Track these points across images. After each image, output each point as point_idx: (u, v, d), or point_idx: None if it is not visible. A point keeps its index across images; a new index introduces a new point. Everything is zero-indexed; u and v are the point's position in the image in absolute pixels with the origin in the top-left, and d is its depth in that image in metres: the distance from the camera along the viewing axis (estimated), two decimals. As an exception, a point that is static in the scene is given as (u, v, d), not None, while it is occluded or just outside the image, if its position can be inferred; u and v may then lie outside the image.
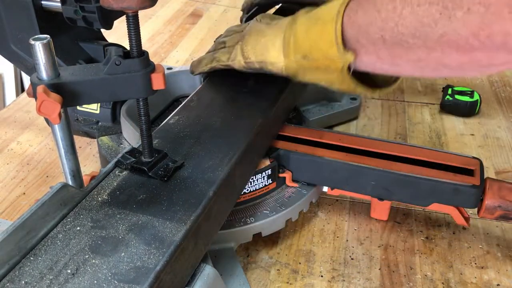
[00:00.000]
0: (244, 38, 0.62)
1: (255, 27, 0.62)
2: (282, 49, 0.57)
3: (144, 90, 0.45)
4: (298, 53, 0.56)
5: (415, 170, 0.59)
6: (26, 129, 0.84)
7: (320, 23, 0.52)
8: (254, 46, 0.60)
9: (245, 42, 0.61)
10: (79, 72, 0.45)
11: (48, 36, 0.41)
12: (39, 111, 0.40)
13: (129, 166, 0.49)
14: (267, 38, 0.59)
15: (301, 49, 0.55)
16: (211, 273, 0.46)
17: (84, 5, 0.63)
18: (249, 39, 0.61)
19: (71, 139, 0.47)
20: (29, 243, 0.40)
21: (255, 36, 0.61)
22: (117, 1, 0.41)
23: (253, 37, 0.61)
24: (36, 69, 0.42)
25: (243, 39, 0.62)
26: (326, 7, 0.53)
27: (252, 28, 0.63)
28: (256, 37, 0.61)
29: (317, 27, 0.53)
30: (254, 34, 0.61)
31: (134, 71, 0.44)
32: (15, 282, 0.37)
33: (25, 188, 0.71)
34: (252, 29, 0.62)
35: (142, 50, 0.45)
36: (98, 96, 0.45)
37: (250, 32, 0.62)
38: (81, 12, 0.64)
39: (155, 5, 0.43)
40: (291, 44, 0.56)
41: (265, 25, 0.61)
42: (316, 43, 0.53)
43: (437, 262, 0.60)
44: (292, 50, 0.56)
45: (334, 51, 0.51)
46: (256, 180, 0.60)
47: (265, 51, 0.59)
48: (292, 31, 0.56)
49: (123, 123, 0.69)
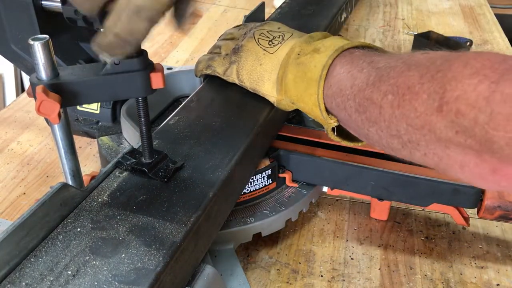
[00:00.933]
0: (241, 61, 0.61)
1: (253, 50, 0.61)
2: (276, 86, 0.58)
3: (143, 89, 0.45)
4: (288, 97, 0.57)
5: (415, 170, 0.59)
6: (26, 129, 0.85)
7: (306, 80, 0.53)
8: (249, 73, 0.60)
9: (241, 65, 0.61)
10: (78, 72, 0.45)
11: (47, 36, 0.41)
12: (38, 111, 0.40)
13: (129, 167, 0.49)
14: (263, 68, 0.59)
15: (290, 95, 0.56)
16: (211, 273, 0.46)
17: (84, 5, 0.63)
18: (245, 64, 0.60)
19: (70, 139, 0.47)
20: (30, 243, 0.40)
21: (251, 62, 0.60)
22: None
23: (250, 63, 0.60)
24: (35, 69, 0.42)
25: (239, 61, 0.61)
26: (314, 60, 0.53)
27: (249, 50, 0.61)
28: (252, 64, 0.60)
29: (303, 83, 0.53)
30: (250, 59, 0.60)
31: (133, 70, 0.44)
32: (16, 283, 0.37)
33: (25, 188, 0.71)
34: (249, 52, 0.61)
35: (141, 49, 0.45)
36: (97, 95, 0.45)
37: (247, 56, 0.61)
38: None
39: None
40: (282, 86, 0.57)
41: (262, 51, 0.60)
42: (303, 97, 0.54)
43: (437, 262, 0.60)
44: (284, 92, 0.57)
45: (317, 112, 0.52)
46: (256, 180, 0.60)
47: (260, 81, 0.59)
48: (284, 73, 0.56)
49: (123, 123, 0.69)
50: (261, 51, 0.60)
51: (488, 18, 1.34)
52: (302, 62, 0.54)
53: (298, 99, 0.55)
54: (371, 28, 1.28)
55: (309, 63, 0.53)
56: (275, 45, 0.59)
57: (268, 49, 0.59)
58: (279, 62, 0.58)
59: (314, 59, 0.53)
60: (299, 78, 0.54)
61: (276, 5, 1.22)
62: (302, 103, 0.55)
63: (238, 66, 0.61)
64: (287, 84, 0.56)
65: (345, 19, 1.10)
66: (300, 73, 0.54)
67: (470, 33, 1.24)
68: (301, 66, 0.54)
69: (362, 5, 1.41)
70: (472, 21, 1.32)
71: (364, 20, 1.33)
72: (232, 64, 0.62)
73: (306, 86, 0.53)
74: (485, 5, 1.43)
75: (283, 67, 0.57)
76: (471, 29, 1.27)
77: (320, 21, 0.90)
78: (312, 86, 0.52)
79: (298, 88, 0.54)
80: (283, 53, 0.58)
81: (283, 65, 0.57)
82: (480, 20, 1.32)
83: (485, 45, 1.17)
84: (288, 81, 0.56)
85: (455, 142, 0.38)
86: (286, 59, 0.57)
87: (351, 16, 1.28)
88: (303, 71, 0.53)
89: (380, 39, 1.22)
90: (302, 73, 0.53)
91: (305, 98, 0.53)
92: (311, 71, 0.52)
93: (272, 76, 0.58)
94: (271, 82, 0.58)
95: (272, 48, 0.59)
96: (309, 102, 0.53)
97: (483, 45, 1.17)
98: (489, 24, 1.30)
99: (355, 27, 1.28)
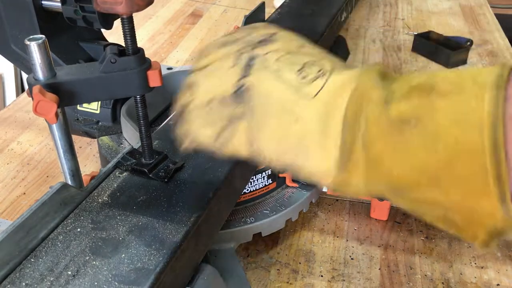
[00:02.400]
0: (254, 117, 0.35)
1: (274, 93, 0.35)
2: (336, 158, 0.33)
3: (141, 87, 0.45)
4: (381, 181, 0.32)
5: (415, 170, 0.59)
6: (26, 129, 0.85)
7: (446, 153, 0.29)
8: (277, 139, 0.35)
9: (256, 125, 0.35)
10: (75, 71, 0.44)
11: (43, 36, 0.41)
12: (35, 111, 0.40)
13: (129, 168, 0.49)
14: (302, 128, 0.34)
15: (390, 179, 0.32)
16: (211, 273, 0.46)
17: (84, 5, 0.63)
18: (264, 122, 0.35)
19: (69, 139, 0.47)
20: (30, 244, 0.40)
21: (277, 118, 0.34)
22: (105, 8, 0.41)
23: (273, 119, 0.34)
24: (32, 69, 0.42)
25: (252, 117, 0.35)
26: (438, 116, 0.29)
27: (268, 95, 0.35)
28: (279, 121, 0.34)
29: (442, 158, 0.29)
30: (273, 112, 0.34)
31: (130, 68, 0.44)
32: (16, 283, 0.37)
33: (25, 188, 0.71)
34: (267, 98, 0.35)
35: (138, 47, 0.45)
36: (94, 94, 0.45)
37: (265, 107, 0.34)
38: (81, 12, 0.64)
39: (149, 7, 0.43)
40: (358, 161, 0.32)
41: (293, 95, 0.34)
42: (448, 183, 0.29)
43: (437, 262, 0.60)
44: (365, 170, 0.32)
45: (490, 205, 0.28)
46: (256, 180, 0.60)
47: (302, 153, 0.34)
48: (360, 141, 0.32)
49: (123, 123, 0.69)
50: (290, 94, 0.34)
51: (488, 18, 1.34)
52: (406, 118, 0.30)
53: (413, 184, 0.31)
54: (371, 28, 1.28)
55: (432, 118, 0.30)
56: (313, 79, 0.34)
57: (303, 88, 0.34)
58: (333, 114, 0.33)
59: (441, 108, 0.29)
60: (417, 148, 0.30)
61: (276, 5, 1.22)
62: (430, 192, 0.30)
63: (250, 126, 0.35)
64: (379, 161, 0.31)
65: (345, 19, 1.10)
66: (416, 139, 0.30)
67: (470, 33, 1.24)
68: (411, 128, 0.30)
69: (362, 5, 1.41)
70: (472, 21, 1.32)
71: (364, 20, 1.33)
72: (234, 121, 0.36)
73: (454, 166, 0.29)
74: (485, 5, 1.43)
75: (351, 129, 0.32)
76: (471, 29, 1.27)
77: (320, 21, 0.90)
78: (476, 156, 0.27)
79: (415, 162, 0.30)
80: (336, 96, 0.33)
81: (351, 123, 0.32)
82: (480, 20, 1.32)
83: (485, 45, 1.17)
84: (380, 156, 0.31)
85: None
86: (352, 109, 0.32)
87: (351, 16, 1.28)
88: (421, 136, 0.30)
89: (380, 39, 1.22)
90: (422, 138, 0.30)
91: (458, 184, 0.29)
92: (445, 132, 0.29)
93: (325, 141, 0.33)
94: (324, 151, 0.33)
95: (310, 85, 0.34)
96: (467, 185, 0.29)
97: (483, 45, 1.17)
98: (489, 24, 1.30)
99: (355, 27, 1.28)
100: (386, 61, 1.11)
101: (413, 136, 0.30)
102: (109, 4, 0.41)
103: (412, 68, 1.07)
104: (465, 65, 1.07)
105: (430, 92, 0.30)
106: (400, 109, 0.30)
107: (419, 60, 1.11)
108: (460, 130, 0.28)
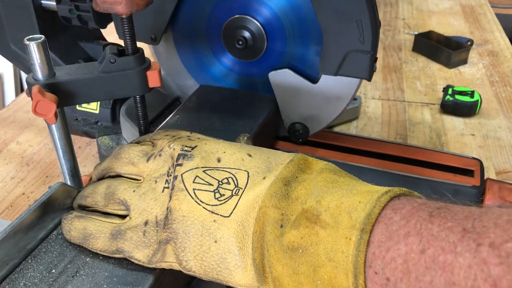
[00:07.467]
0: (178, 239, 0.36)
1: (192, 215, 0.36)
2: (255, 275, 0.35)
3: (140, 87, 0.45)
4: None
5: (415, 170, 0.59)
6: (25, 129, 0.84)
7: (321, 280, 0.31)
8: (200, 258, 0.36)
9: (180, 246, 0.36)
10: (75, 71, 0.44)
11: (42, 36, 0.41)
12: (34, 111, 0.40)
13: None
14: (221, 247, 0.35)
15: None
16: (210, 274, 0.46)
17: (79, 4, 0.63)
18: (187, 244, 0.36)
19: (68, 139, 0.47)
20: (29, 244, 0.40)
21: (197, 239, 0.36)
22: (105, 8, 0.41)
23: (195, 240, 0.36)
24: (32, 69, 0.42)
25: (176, 239, 0.36)
26: (321, 243, 0.31)
27: (187, 217, 0.36)
28: (199, 242, 0.36)
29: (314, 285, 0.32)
30: (194, 234, 0.36)
31: (129, 68, 0.44)
32: (15, 284, 0.37)
33: (24, 188, 0.71)
34: (187, 221, 0.36)
35: (137, 47, 0.44)
36: (94, 94, 0.45)
37: (186, 230, 0.36)
38: (76, 11, 0.63)
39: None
40: (269, 280, 0.34)
41: (210, 216, 0.36)
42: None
43: (437, 262, 0.59)
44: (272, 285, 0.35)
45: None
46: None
47: (224, 270, 0.35)
48: (267, 261, 0.34)
49: (123, 123, 0.69)
50: (207, 215, 0.36)
51: (489, 18, 1.33)
52: (295, 246, 0.32)
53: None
54: (372, 28, 1.28)
55: (314, 250, 0.31)
56: (227, 199, 0.36)
57: (218, 208, 0.36)
58: (246, 232, 0.35)
59: (321, 241, 0.31)
60: (304, 276, 0.32)
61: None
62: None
63: (176, 247, 0.36)
64: (281, 282, 0.34)
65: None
66: (303, 268, 0.32)
67: (471, 33, 1.24)
68: (299, 256, 0.32)
69: (362, 5, 1.41)
70: (472, 21, 1.32)
71: (365, 20, 1.32)
72: (162, 245, 0.37)
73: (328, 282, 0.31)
74: (485, 4, 1.43)
75: (258, 249, 0.34)
76: (472, 29, 1.26)
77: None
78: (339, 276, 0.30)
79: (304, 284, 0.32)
80: (247, 215, 0.35)
81: (257, 243, 0.34)
82: (480, 20, 1.32)
83: (486, 45, 1.17)
84: (280, 278, 0.33)
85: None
86: (257, 230, 0.34)
87: (351, 16, 1.28)
88: (307, 266, 0.32)
89: (380, 39, 1.22)
90: (307, 268, 0.32)
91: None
92: (323, 266, 0.31)
93: (243, 259, 0.35)
94: (244, 269, 0.35)
95: (224, 205, 0.36)
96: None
97: (484, 45, 1.17)
98: (489, 24, 1.29)
99: (356, 27, 1.28)
100: (386, 61, 1.11)
101: (301, 265, 0.32)
102: (109, 4, 0.41)
103: (413, 68, 1.07)
104: (465, 64, 1.07)
105: (315, 222, 0.32)
106: (290, 238, 0.32)
107: (420, 60, 1.11)
108: (333, 268, 0.30)
